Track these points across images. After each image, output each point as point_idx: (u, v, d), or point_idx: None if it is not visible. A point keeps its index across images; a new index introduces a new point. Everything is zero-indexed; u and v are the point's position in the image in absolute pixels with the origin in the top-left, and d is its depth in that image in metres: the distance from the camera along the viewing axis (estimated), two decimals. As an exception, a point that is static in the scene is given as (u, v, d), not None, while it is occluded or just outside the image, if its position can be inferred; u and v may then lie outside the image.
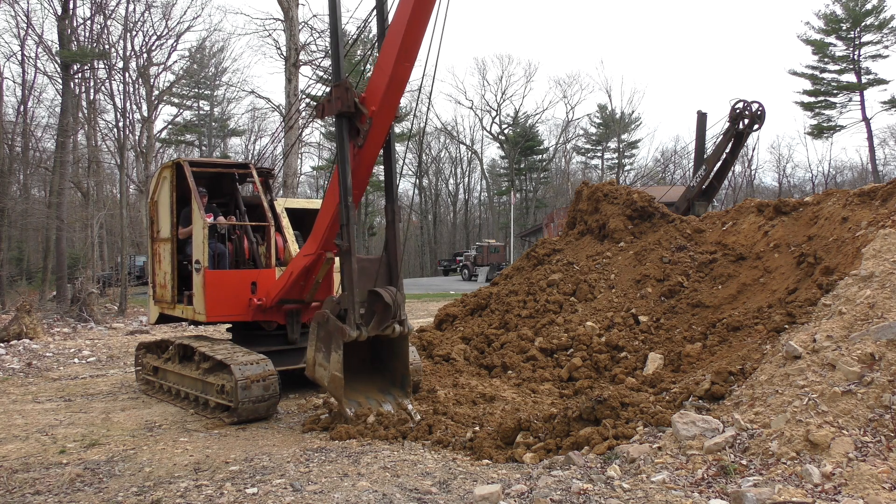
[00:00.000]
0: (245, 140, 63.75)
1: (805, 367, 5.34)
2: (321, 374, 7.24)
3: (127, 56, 27.32)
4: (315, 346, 7.30)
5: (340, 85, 7.02)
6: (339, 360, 6.97)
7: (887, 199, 8.28)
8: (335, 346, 7.02)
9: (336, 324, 7.04)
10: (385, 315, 7.16)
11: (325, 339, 7.18)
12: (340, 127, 7.09)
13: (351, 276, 7.03)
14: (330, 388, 7.14)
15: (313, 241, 7.85)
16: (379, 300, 7.14)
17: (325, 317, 7.21)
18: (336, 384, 7.01)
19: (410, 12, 6.38)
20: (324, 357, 7.20)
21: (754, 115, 20.66)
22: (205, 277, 8.25)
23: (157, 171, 10.30)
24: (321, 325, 7.25)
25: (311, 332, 7.35)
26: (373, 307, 7.18)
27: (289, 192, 22.56)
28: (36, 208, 30.57)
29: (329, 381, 7.08)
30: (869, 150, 52.96)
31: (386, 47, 6.70)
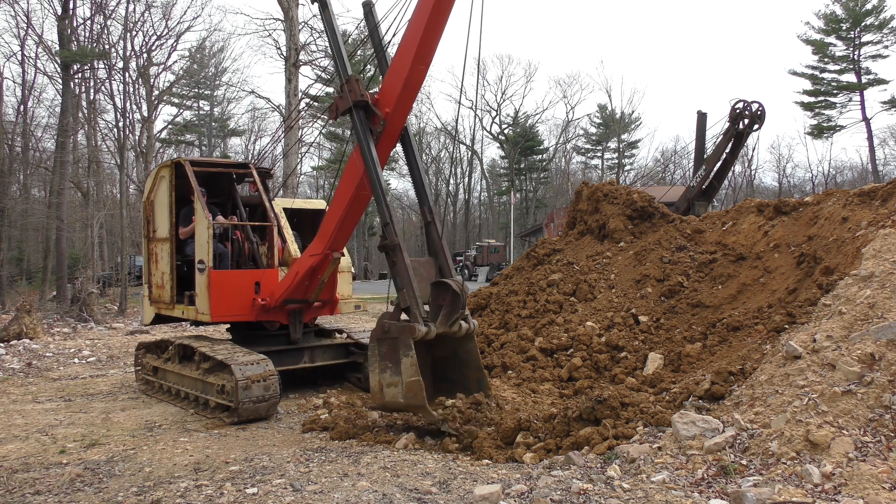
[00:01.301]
0: (245, 140, 63.78)
1: (805, 367, 5.34)
2: (393, 394, 6.44)
3: (127, 56, 27.33)
4: (379, 367, 6.57)
5: (350, 79, 7.07)
6: (413, 361, 6.32)
7: (887, 199, 8.28)
8: (404, 351, 6.38)
9: (400, 325, 6.50)
10: (454, 306, 6.68)
11: (388, 354, 6.52)
12: (358, 120, 7.00)
13: (407, 272, 6.67)
14: (409, 401, 6.36)
15: (320, 241, 7.84)
16: (445, 291, 6.71)
17: (383, 328, 6.57)
18: (415, 389, 6.28)
19: (428, 16, 6.37)
20: (392, 373, 6.46)
21: (754, 115, 20.65)
22: (209, 277, 8.22)
23: (153, 170, 10.23)
24: (381, 341, 6.58)
25: (371, 355, 6.68)
26: (437, 301, 6.73)
27: (289, 192, 22.57)
28: (36, 208, 30.59)
29: (406, 391, 6.31)
30: (869, 150, 52.99)
31: (402, 50, 6.68)
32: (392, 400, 6.50)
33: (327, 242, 7.72)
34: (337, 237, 7.69)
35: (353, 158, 7.36)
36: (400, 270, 6.75)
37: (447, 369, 7.13)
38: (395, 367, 6.44)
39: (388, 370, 6.51)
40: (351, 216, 7.62)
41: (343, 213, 7.47)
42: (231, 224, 8.90)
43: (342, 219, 7.51)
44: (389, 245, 6.81)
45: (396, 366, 6.43)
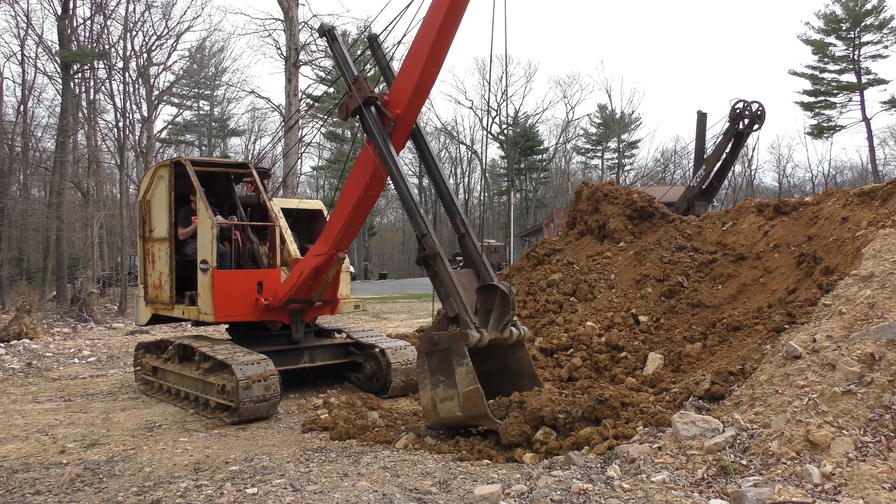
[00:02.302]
0: (245, 140, 63.76)
1: (805, 367, 5.34)
2: (449, 408, 6.10)
3: (127, 56, 27.33)
4: (430, 383, 6.26)
5: (357, 79, 7.09)
6: (469, 370, 5.98)
7: (887, 199, 8.28)
8: (457, 360, 6.06)
9: (450, 334, 6.19)
10: (504, 309, 6.38)
11: (439, 367, 6.20)
12: (370, 117, 6.95)
13: (451, 280, 6.44)
14: (468, 412, 6.01)
15: (325, 242, 7.84)
16: (493, 294, 6.44)
17: (432, 340, 6.29)
18: (474, 399, 5.94)
19: (442, 18, 6.37)
20: (445, 386, 6.13)
21: (754, 115, 20.66)
22: (213, 277, 8.21)
23: (150, 169, 10.18)
24: (430, 355, 6.29)
25: (420, 372, 6.40)
26: (486, 306, 6.45)
27: (289, 192, 22.57)
28: (36, 208, 30.58)
29: (464, 402, 5.96)
30: (869, 150, 53.03)
31: (414, 52, 6.67)
32: (448, 415, 6.14)
33: (333, 242, 7.73)
34: (343, 237, 7.71)
35: (361, 158, 7.33)
36: (443, 279, 6.49)
37: (497, 383, 6.71)
38: (449, 379, 6.09)
39: (441, 384, 6.17)
40: (358, 216, 7.63)
41: (350, 213, 7.47)
42: (234, 224, 8.86)
43: (349, 219, 7.52)
44: (429, 255, 6.57)
45: (450, 378, 6.09)
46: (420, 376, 6.39)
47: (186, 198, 9.19)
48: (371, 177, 7.23)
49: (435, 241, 6.61)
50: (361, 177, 7.31)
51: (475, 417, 6.09)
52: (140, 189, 10.05)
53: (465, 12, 6.51)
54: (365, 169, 7.26)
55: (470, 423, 6.30)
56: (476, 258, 6.92)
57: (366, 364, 9.18)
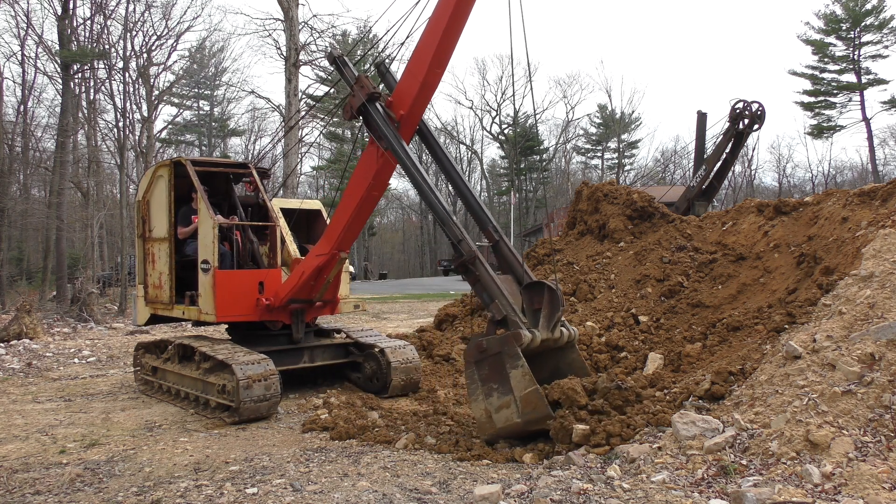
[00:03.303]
0: (245, 140, 63.76)
1: (805, 367, 5.34)
2: (506, 416, 5.78)
3: (127, 56, 27.32)
4: (483, 393, 5.94)
5: (358, 78, 7.09)
6: (524, 371, 5.68)
7: (887, 199, 8.28)
8: (511, 363, 5.75)
9: (500, 337, 5.89)
10: (553, 306, 6.11)
11: (491, 374, 5.88)
12: (375, 113, 6.86)
13: (494, 281, 6.20)
14: (528, 416, 5.69)
15: (326, 242, 7.84)
16: (539, 291, 6.18)
17: (480, 347, 5.96)
18: (534, 401, 5.64)
19: (447, 20, 6.36)
20: (500, 394, 5.80)
21: (754, 115, 20.66)
22: (215, 277, 8.21)
23: (149, 169, 10.15)
24: (480, 364, 5.97)
25: (471, 383, 6.04)
26: (533, 305, 6.20)
27: (289, 193, 22.57)
28: (36, 208, 30.59)
29: (523, 406, 5.66)
30: (869, 150, 53.04)
31: (419, 53, 6.65)
32: (507, 424, 5.81)
33: (335, 242, 7.73)
34: (345, 237, 7.71)
35: (364, 159, 7.31)
36: (485, 281, 6.22)
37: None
38: (503, 384, 5.77)
39: (495, 392, 5.83)
40: (360, 217, 7.62)
41: (352, 213, 7.46)
42: (236, 224, 8.84)
43: (351, 219, 7.51)
44: (467, 259, 6.28)
45: (504, 383, 5.76)
46: (470, 388, 6.05)
47: (186, 197, 9.18)
48: (374, 178, 7.21)
49: (472, 244, 6.34)
50: (364, 177, 7.29)
51: (537, 421, 5.74)
52: (139, 189, 10.01)
53: (470, 13, 6.51)
54: (368, 169, 7.24)
55: (531, 429, 5.91)
56: (515, 263, 6.68)
57: (366, 364, 9.17)
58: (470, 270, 6.31)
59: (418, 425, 7.32)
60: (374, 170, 7.15)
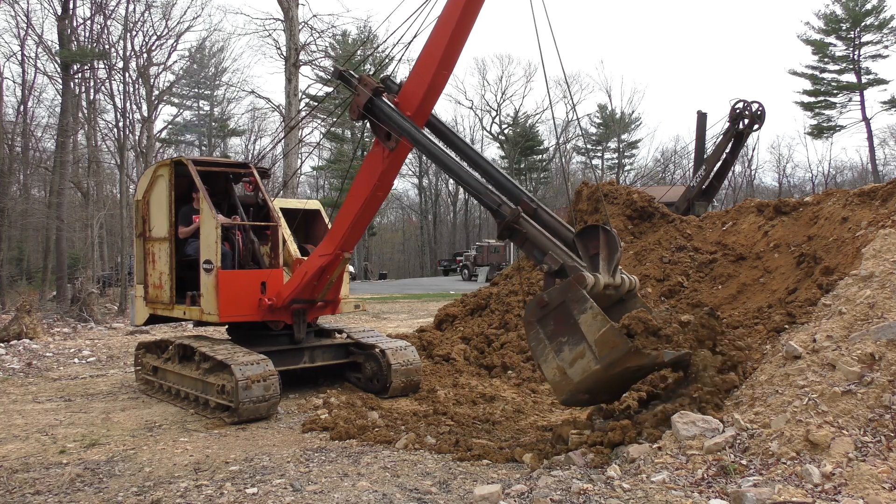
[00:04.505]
0: (245, 140, 63.73)
1: (805, 367, 5.34)
2: (583, 367, 5.27)
3: (127, 56, 27.31)
4: (552, 350, 5.48)
5: (361, 78, 7.09)
6: (595, 312, 5.22)
7: (887, 199, 8.28)
8: (578, 309, 5.28)
9: (560, 286, 5.46)
10: (612, 248, 5.75)
11: (558, 327, 5.43)
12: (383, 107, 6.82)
13: (542, 234, 5.89)
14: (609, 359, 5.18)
15: (330, 242, 7.84)
16: (594, 235, 5.81)
17: (541, 303, 5.55)
18: (611, 339, 5.15)
19: (456, 21, 6.34)
20: (571, 345, 5.32)
21: (754, 115, 20.68)
22: (218, 278, 8.20)
23: (148, 168, 10.12)
24: (543, 321, 5.53)
25: (536, 345, 5.64)
26: (589, 252, 5.79)
27: (289, 193, 22.58)
28: (36, 208, 30.58)
29: (599, 350, 5.17)
30: (869, 150, 53.08)
31: (426, 55, 6.64)
32: (585, 376, 5.30)
33: (339, 242, 7.74)
34: (349, 237, 7.72)
35: (369, 159, 7.30)
36: (534, 236, 5.86)
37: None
38: (573, 334, 5.30)
39: (566, 345, 5.36)
40: (364, 217, 7.64)
41: (357, 213, 7.47)
42: (239, 224, 8.82)
43: (356, 219, 7.52)
44: (511, 220, 5.93)
45: (574, 332, 5.29)
46: (537, 350, 5.56)
47: (185, 197, 9.17)
48: (380, 178, 7.20)
49: (511, 205, 6.05)
50: (369, 178, 7.28)
51: (619, 361, 5.21)
52: (138, 188, 9.98)
53: (479, 13, 6.50)
54: (373, 170, 7.23)
55: (614, 373, 5.38)
56: (558, 225, 6.26)
57: (366, 364, 9.17)
58: (515, 230, 5.96)
59: (418, 425, 7.33)
60: (379, 170, 7.14)
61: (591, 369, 5.25)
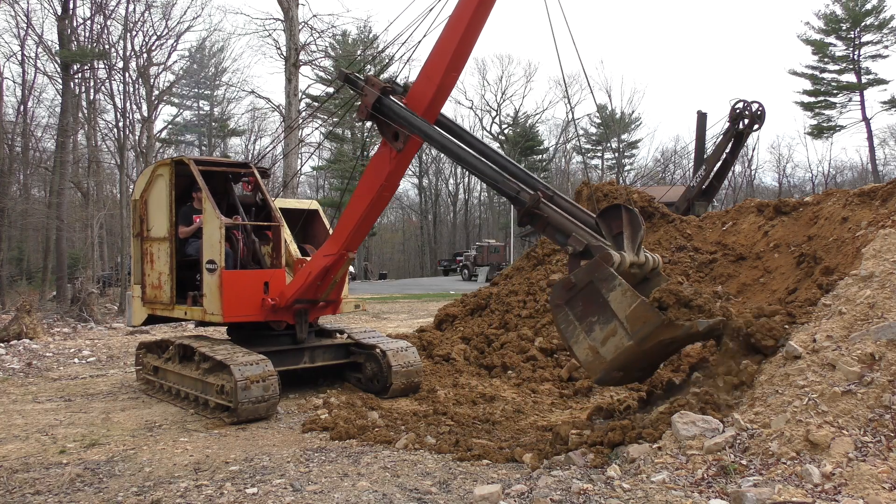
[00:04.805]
0: (245, 140, 63.73)
1: (805, 367, 5.34)
2: (615, 345, 5.24)
3: (127, 56, 27.33)
4: (583, 330, 5.40)
5: (367, 79, 7.10)
6: (624, 289, 5.18)
7: (887, 199, 8.28)
8: (607, 287, 5.24)
9: (586, 266, 5.42)
10: (635, 226, 5.71)
11: (587, 307, 5.37)
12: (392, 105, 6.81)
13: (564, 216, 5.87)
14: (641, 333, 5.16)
15: (335, 242, 7.85)
16: (616, 214, 5.77)
17: (568, 285, 5.50)
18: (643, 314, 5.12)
19: (467, 23, 6.34)
20: (602, 323, 5.27)
21: (754, 115, 20.68)
22: (222, 278, 8.19)
23: (146, 168, 10.07)
24: (571, 302, 5.48)
25: (565, 326, 5.55)
26: (612, 231, 5.76)
27: (289, 193, 22.57)
28: (36, 208, 30.59)
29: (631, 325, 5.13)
30: (869, 150, 53.08)
31: (435, 57, 6.64)
32: (618, 353, 5.26)
33: (343, 242, 7.75)
34: (354, 238, 7.74)
35: (376, 159, 7.30)
36: (555, 220, 5.84)
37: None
38: (603, 312, 5.25)
39: (597, 324, 5.32)
40: (370, 217, 7.66)
41: (362, 213, 7.48)
42: (242, 224, 8.81)
43: (361, 219, 7.54)
44: (531, 204, 5.86)
45: (604, 310, 5.25)
46: (567, 331, 5.49)
47: (185, 197, 9.15)
48: (387, 178, 7.21)
49: (529, 191, 6.01)
50: (376, 178, 7.28)
51: (652, 334, 5.19)
52: (135, 188, 9.90)
53: (489, 15, 6.50)
54: (380, 170, 7.22)
55: (648, 347, 5.34)
56: (575, 210, 6.17)
57: (366, 365, 9.16)
58: (536, 215, 5.91)
59: (418, 425, 7.33)
60: (387, 171, 7.15)
61: (624, 346, 5.20)
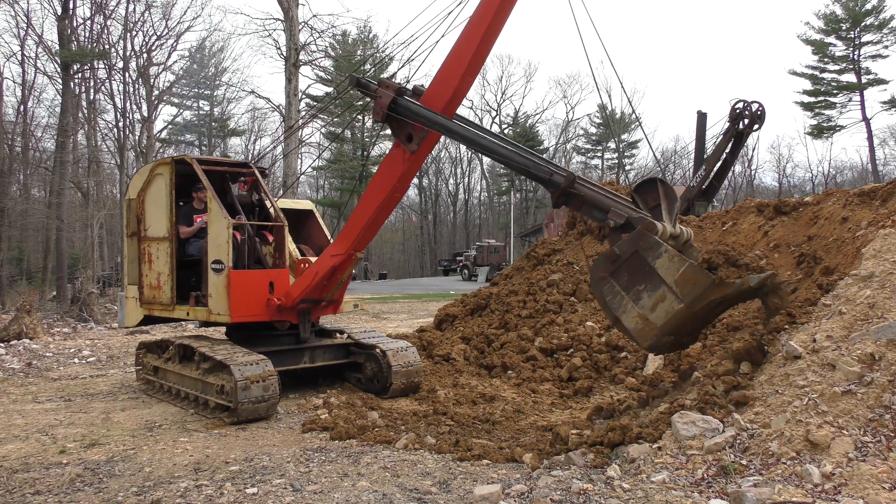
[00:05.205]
0: (245, 140, 63.74)
1: (805, 367, 5.33)
2: (665, 309, 5.23)
3: (127, 56, 27.38)
4: (631, 299, 5.40)
5: (380, 82, 7.10)
6: (671, 254, 5.20)
7: (887, 199, 8.27)
8: (653, 255, 5.25)
9: (630, 236, 5.43)
10: (671, 198, 5.79)
11: (633, 276, 5.39)
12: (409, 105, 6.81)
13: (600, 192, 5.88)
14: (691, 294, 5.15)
15: (343, 242, 7.87)
16: (651, 187, 5.84)
17: (612, 256, 5.51)
18: (693, 276, 5.11)
19: (486, 28, 6.35)
20: (650, 290, 5.28)
21: (754, 115, 20.67)
22: (230, 278, 8.18)
23: (143, 167, 10.00)
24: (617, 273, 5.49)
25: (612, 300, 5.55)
26: (648, 204, 5.80)
27: (289, 193, 22.58)
28: (36, 208, 30.62)
29: (681, 288, 5.14)
30: (869, 150, 53.09)
31: (452, 61, 6.64)
32: (668, 317, 5.25)
33: (352, 243, 7.77)
34: (363, 238, 7.78)
35: (388, 160, 7.30)
36: (591, 197, 5.85)
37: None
38: (651, 280, 5.26)
39: (644, 293, 5.32)
40: (380, 217, 7.69)
41: (373, 214, 7.50)
42: (250, 224, 8.78)
43: (371, 220, 7.57)
44: (565, 184, 5.82)
45: (651, 278, 5.25)
46: (614, 303, 5.49)
47: (183, 197, 9.12)
48: (399, 180, 7.22)
49: (561, 173, 5.99)
50: (388, 179, 7.29)
51: (703, 295, 5.18)
52: (131, 187, 9.78)
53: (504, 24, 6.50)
54: (393, 172, 7.23)
55: (698, 308, 5.32)
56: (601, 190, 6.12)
57: (366, 365, 9.16)
58: (571, 194, 5.90)
59: (418, 425, 7.33)
60: (399, 172, 7.16)
61: (675, 309, 5.20)
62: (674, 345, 5.92)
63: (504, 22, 6.52)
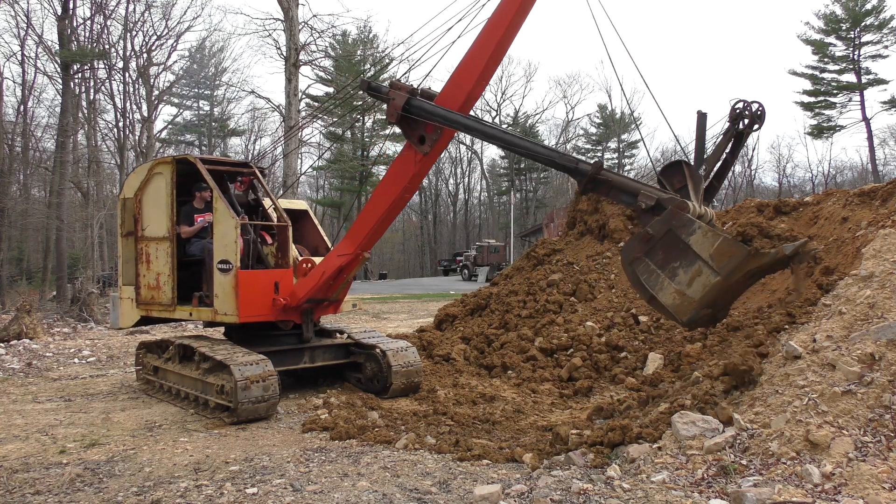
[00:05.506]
0: (245, 140, 63.75)
1: (805, 367, 5.34)
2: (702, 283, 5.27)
3: (127, 56, 27.40)
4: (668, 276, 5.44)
5: (392, 84, 7.11)
6: (704, 229, 5.27)
7: (887, 199, 8.28)
8: (687, 232, 5.33)
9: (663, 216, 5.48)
10: (697, 180, 5.97)
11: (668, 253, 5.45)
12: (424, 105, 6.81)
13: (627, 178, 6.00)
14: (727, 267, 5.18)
15: (350, 242, 7.87)
16: (676, 169, 6.01)
17: (646, 237, 5.56)
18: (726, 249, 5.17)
19: (502, 33, 6.36)
20: (685, 266, 5.35)
21: (754, 115, 20.61)
22: (237, 278, 8.17)
23: (141, 166, 9.94)
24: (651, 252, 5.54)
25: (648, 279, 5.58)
26: (674, 185, 5.94)
27: (289, 193, 22.59)
28: (36, 208, 30.62)
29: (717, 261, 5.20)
30: (869, 150, 53.09)
31: (467, 65, 6.65)
32: (706, 291, 5.30)
33: (360, 242, 7.78)
34: (371, 238, 7.79)
35: (400, 161, 7.29)
36: (619, 182, 5.91)
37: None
38: (686, 256, 5.35)
39: (680, 269, 5.38)
40: (389, 218, 7.70)
41: (382, 214, 7.51)
42: (253, 224, 8.76)
43: (380, 220, 7.57)
44: (593, 171, 5.88)
45: (686, 254, 5.34)
46: (650, 281, 5.56)
47: (180, 196, 9.09)
48: (410, 181, 7.22)
49: (587, 161, 6.04)
50: (399, 180, 7.28)
51: (739, 267, 5.24)
52: (127, 186, 9.69)
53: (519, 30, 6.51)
54: (404, 172, 7.23)
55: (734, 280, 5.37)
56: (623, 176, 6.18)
57: (366, 365, 9.16)
58: (599, 181, 5.93)
59: (418, 425, 7.33)
60: (411, 173, 7.16)
61: (712, 282, 5.26)
62: (711, 318, 5.93)
63: (521, 26, 6.52)
